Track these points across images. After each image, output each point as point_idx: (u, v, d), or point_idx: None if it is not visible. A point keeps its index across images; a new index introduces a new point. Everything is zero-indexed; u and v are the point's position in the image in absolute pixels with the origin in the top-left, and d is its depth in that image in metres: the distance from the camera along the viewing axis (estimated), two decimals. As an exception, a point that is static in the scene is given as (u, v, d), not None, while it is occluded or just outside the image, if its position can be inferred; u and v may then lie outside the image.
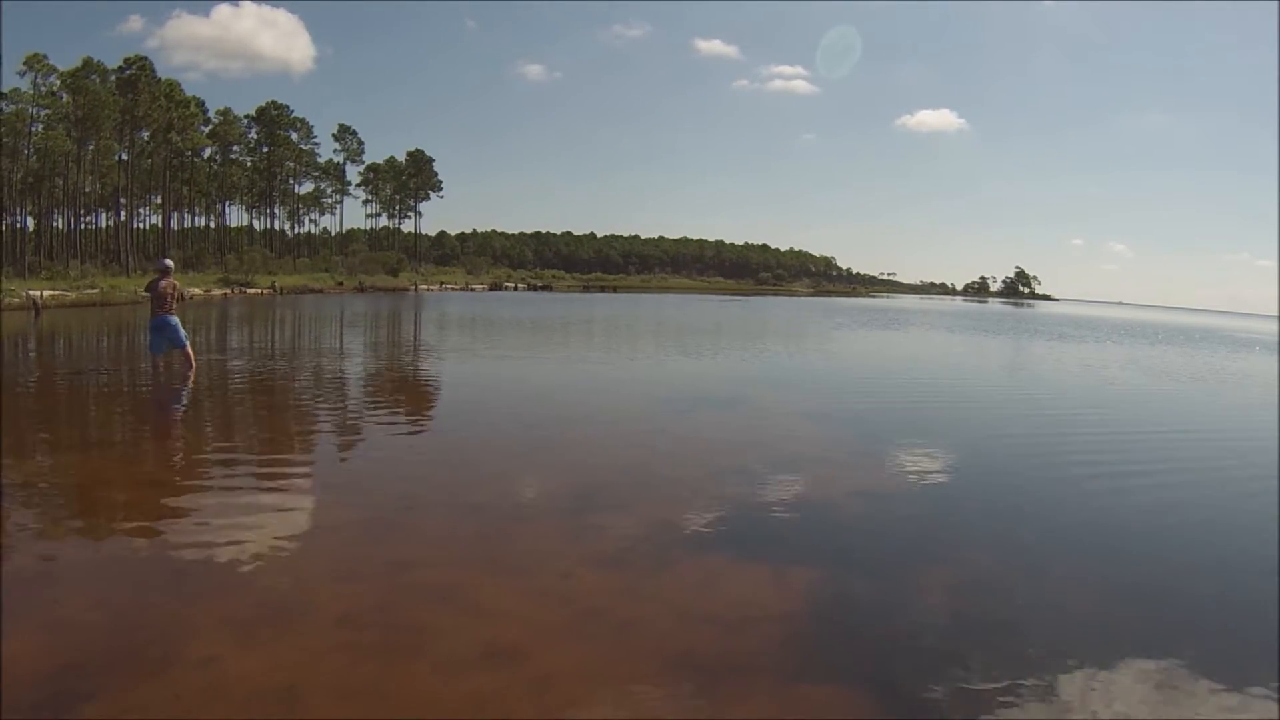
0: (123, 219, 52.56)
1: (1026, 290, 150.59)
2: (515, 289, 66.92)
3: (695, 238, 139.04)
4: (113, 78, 45.51)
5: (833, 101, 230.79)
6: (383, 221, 76.95)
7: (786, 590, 4.10)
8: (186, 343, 10.84)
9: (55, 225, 50.99)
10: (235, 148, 61.16)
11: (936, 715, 2.96)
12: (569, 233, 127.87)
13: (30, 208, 48.49)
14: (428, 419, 8.87)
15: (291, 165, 65.36)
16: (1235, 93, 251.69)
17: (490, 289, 63.58)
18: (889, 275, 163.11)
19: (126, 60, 46.04)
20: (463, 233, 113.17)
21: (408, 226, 77.74)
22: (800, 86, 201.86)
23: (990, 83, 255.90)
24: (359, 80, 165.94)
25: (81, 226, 51.63)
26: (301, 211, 69.94)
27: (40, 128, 44.92)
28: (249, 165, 63.39)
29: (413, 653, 3.21)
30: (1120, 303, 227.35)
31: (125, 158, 49.25)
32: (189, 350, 10.84)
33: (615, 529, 4.89)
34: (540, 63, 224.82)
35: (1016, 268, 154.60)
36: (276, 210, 67.10)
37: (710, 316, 35.64)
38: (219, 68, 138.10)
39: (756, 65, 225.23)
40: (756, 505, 5.67)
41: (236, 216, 70.48)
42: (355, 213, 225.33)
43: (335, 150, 69.52)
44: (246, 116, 61.28)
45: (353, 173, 71.86)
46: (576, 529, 4.91)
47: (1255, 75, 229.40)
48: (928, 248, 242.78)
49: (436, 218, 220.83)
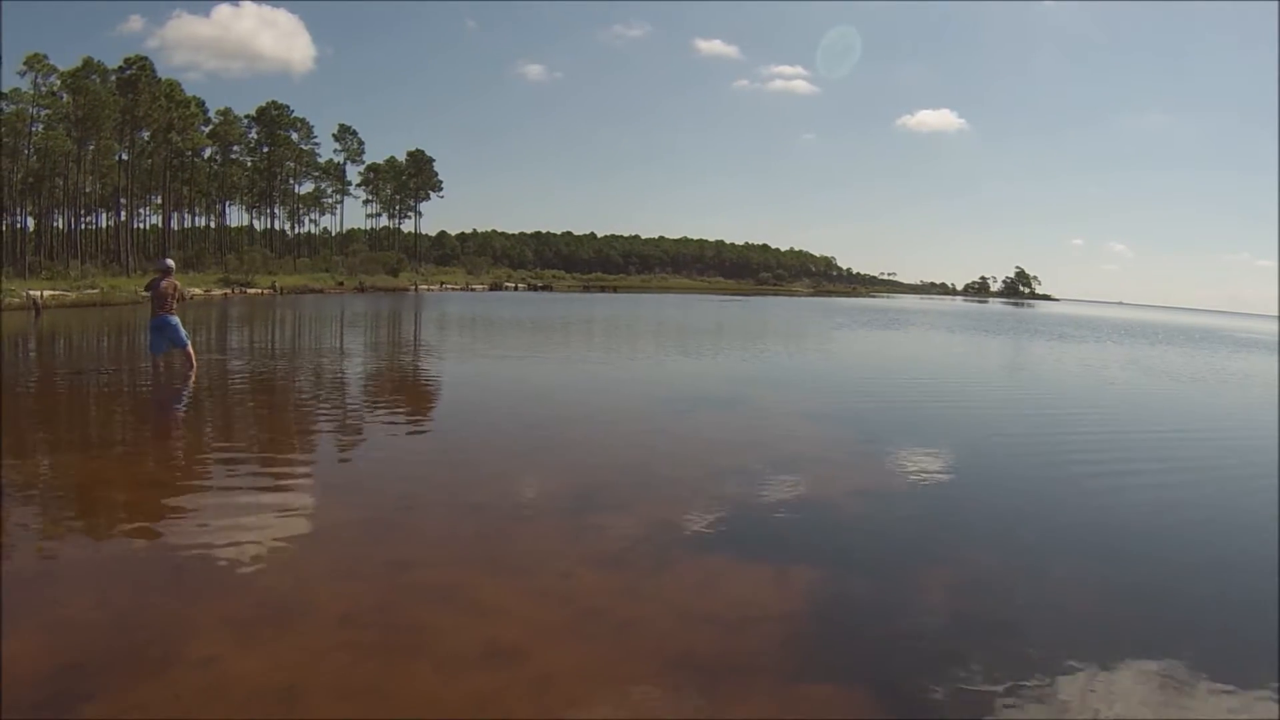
0: (123, 219, 52.70)
1: (1027, 290, 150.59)
2: (515, 289, 66.93)
3: (695, 238, 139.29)
4: (113, 78, 45.55)
5: (833, 101, 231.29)
6: (383, 221, 77.14)
7: (787, 590, 4.10)
8: (188, 342, 10.84)
9: (55, 225, 51.08)
10: (235, 148, 61.22)
11: (937, 715, 2.96)
12: (569, 233, 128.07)
13: (30, 208, 48.54)
14: (428, 419, 8.87)
15: (292, 165, 65.40)
16: (1235, 93, 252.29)
17: (490, 289, 63.60)
18: (889, 275, 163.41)
19: (127, 60, 46.17)
20: (463, 233, 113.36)
21: (408, 226, 77.94)
22: (800, 86, 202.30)
23: (990, 83, 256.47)
24: (359, 80, 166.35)
25: (82, 226, 51.69)
26: (302, 211, 70.07)
27: (40, 128, 44.97)
28: (249, 165, 63.42)
29: (413, 652, 3.21)
30: (1120, 303, 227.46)
31: (125, 158, 49.29)
32: (190, 349, 10.85)
33: (615, 529, 4.89)
34: (540, 63, 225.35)
35: (1017, 268, 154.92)
36: (277, 210, 67.24)
37: (710, 316, 35.64)
38: (219, 68, 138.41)
39: (757, 65, 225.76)
40: (756, 505, 5.67)
41: (237, 216, 70.68)
42: (355, 213, 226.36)
43: (335, 150, 69.72)
44: (247, 116, 61.44)
45: (353, 173, 72.07)
46: (577, 529, 4.91)
47: (1255, 75, 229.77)
48: (928, 248, 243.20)
49: (437, 218, 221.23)
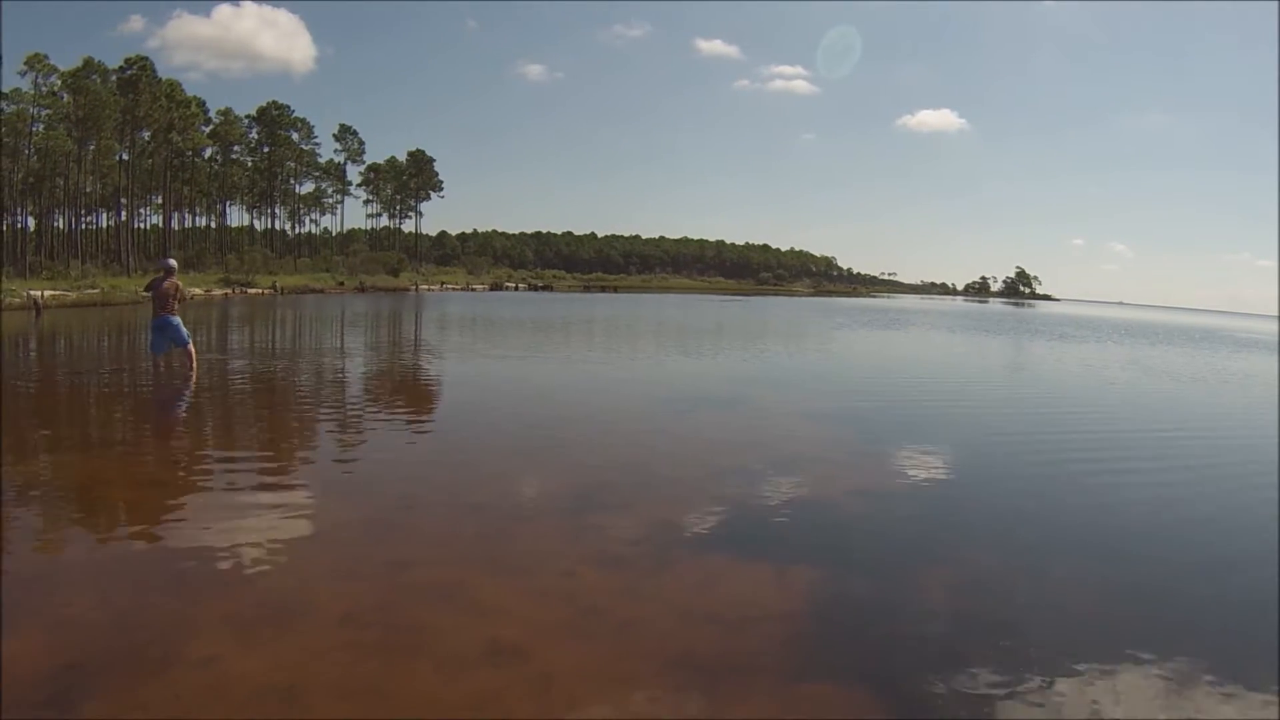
0: (123, 219, 52.63)
1: (1027, 290, 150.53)
2: (516, 289, 66.94)
3: (696, 238, 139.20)
4: (113, 78, 45.55)
5: (833, 101, 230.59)
6: (383, 221, 77.14)
7: (787, 590, 4.10)
8: (189, 340, 10.83)
9: (56, 225, 51.06)
10: (236, 148, 61.21)
11: (937, 715, 2.96)
12: (569, 233, 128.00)
13: (31, 208, 48.55)
14: (429, 419, 8.87)
15: (292, 165, 65.40)
16: (1235, 93, 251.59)
17: (491, 289, 63.61)
18: (890, 275, 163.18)
19: (127, 60, 46.17)
20: (463, 233, 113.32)
21: (408, 226, 77.96)
22: (801, 86, 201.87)
23: (990, 83, 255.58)
24: (360, 80, 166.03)
25: (82, 226, 51.72)
26: (302, 211, 70.07)
27: (41, 128, 44.96)
28: (250, 165, 63.41)
29: (414, 652, 3.21)
30: (1121, 303, 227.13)
31: (126, 158, 49.30)
32: (191, 348, 10.83)
33: (616, 529, 4.89)
34: (541, 63, 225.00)
35: (1017, 268, 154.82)
36: (277, 210, 67.22)
37: (711, 316, 35.64)
38: (220, 68, 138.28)
39: (757, 65, 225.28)
40: (757, 505, 5.67)
41: (237, 216, 70.59)
42: (356, 213, 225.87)
43: (336, 150, 69.76)
44: (247, 116, 61.44)
45: (353, 173, 72.05)
46: (577, 529, 4.91)
47: (1255, 75, 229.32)
48: (928, 248, 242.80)
49: (437, 218, 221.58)
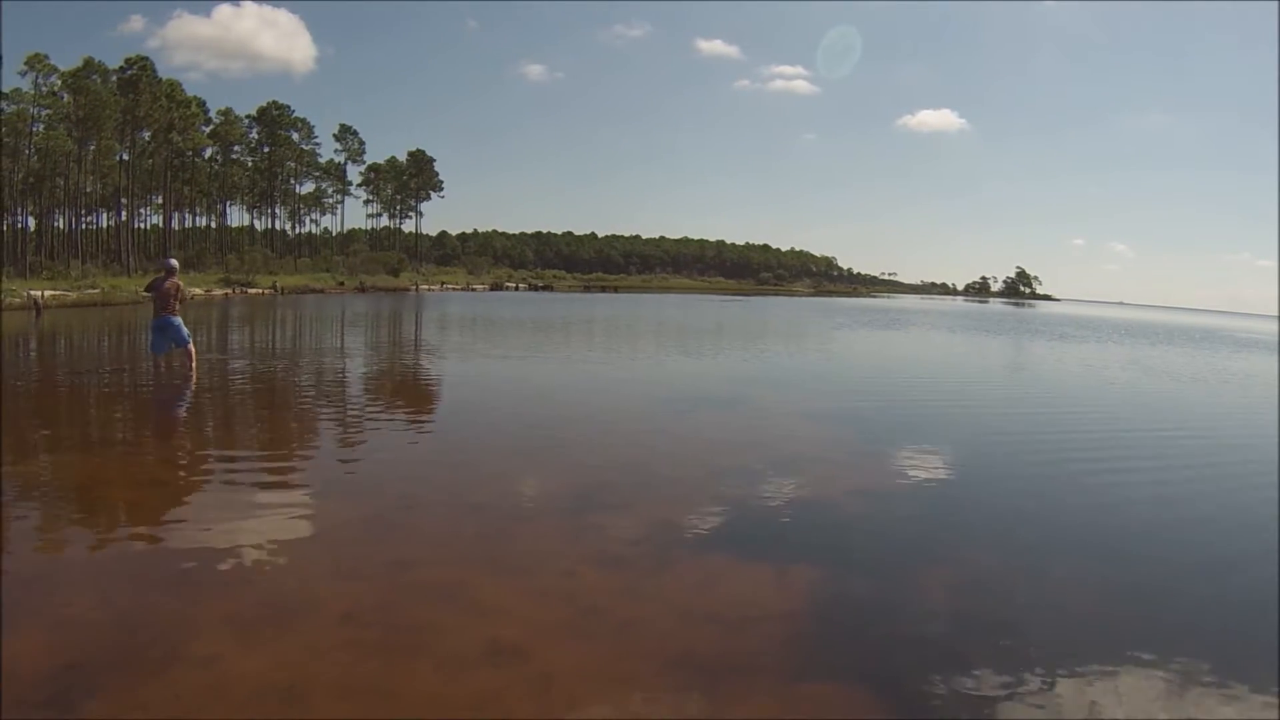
0: (124, 219, 52.58)
1: (1027, 290, 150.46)
2: (516, 289, 66.95)
3: (696, 238, 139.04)
4: (114, 78, 45.54)
5: (833, 101, 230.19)
6: (384, 221, 77.11)
7: (787, 590, 4.10)
8: (189, 341, 10.82)
9: (56, 225, 51.05)
10: (236, 148, 61.20)
11: (937, 715, 2.96)
12: (570, 233, 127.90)
13: (31, 208, 48.54)
14: (429, 419, 8.88)
15: (292, 165, 65.40)
16: (1235, 93, 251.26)
17: (491, 289, 63.61)
18: (890, 275, 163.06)
19: (127, 60, 46.14)
20: (464, 233, 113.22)
21: (409, 226, 77.91)
22: (801, 86, 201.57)
23: (991, 83, 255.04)
24: (360, 80, 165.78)
25: (82, 226, 51.71)
26: (302, 211, 70.05)
27: (41, 128, 44.93)
28: (250, 165, 63.41)
29: (414, 652, 3.21)
30: (1121, 303, 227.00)
31: (126, 158, 49.28)
32: (191, 348, 10.82)
33: (616, 528, 4.90)
34: (541, 63, 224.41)
35: (1017, 268, 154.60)
36: (277, 210, 67.22)
37: (711, 316, 35.65)
38: (220, 68, 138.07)
39: (757, 65, 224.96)
40: (757, 505, 5.67)
41: (237, 216, 70.51)
42: (356, 213, 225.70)
43: (336, 150, 69.70)
44: (247, 116, 61.42)
45: (354, 173, 72.00)
46: (577, 528, 4.92)
47: (1255, 75, 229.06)
48: (929, 248, 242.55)
49: (437, 218, 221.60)
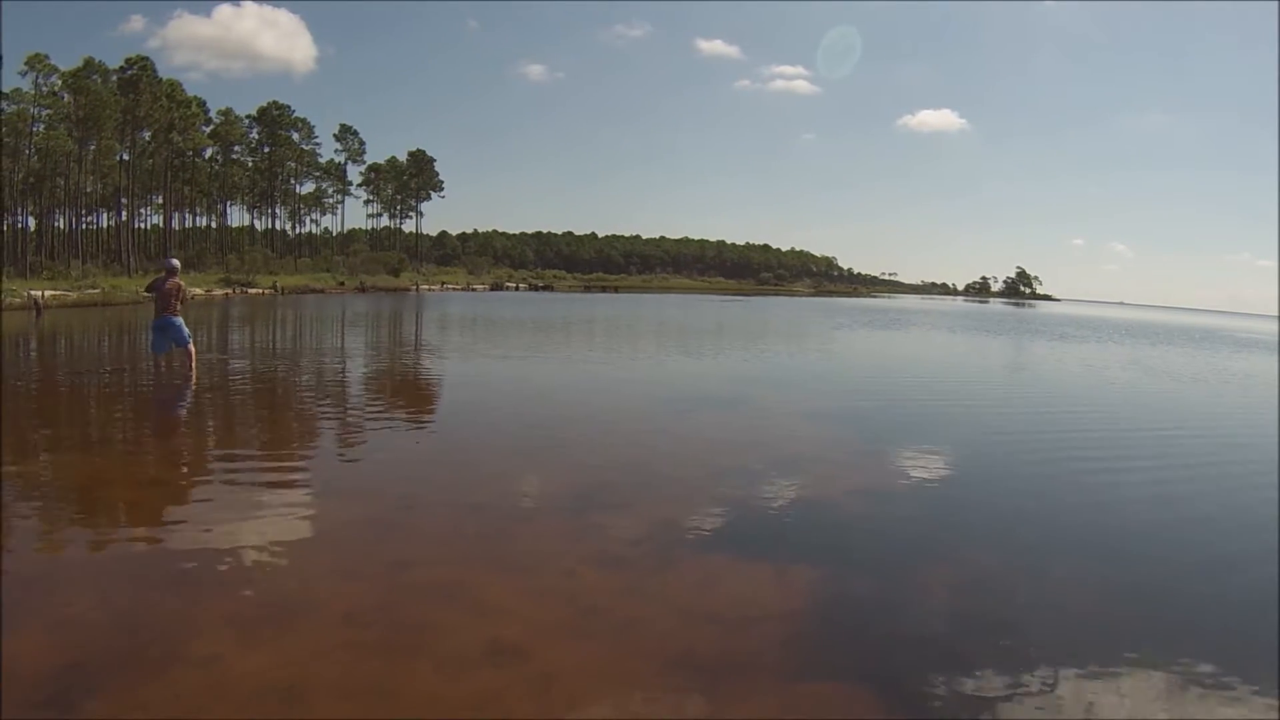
0: (124, 219, 52.53)
1: (1027, 290, 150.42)
2: (516, 289, 66.95)
3: (696, 238, 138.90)
4: (114, 78, 45.49)
5: (834, 101, 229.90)
6: (384, 221, 77.08)
7: (788, 589, 4.10)
8: (189, 341, 10.81)
9: (56, 225, 51.00)
10: (237, 148, 61.17)
11: (938, 714, 2.96)
12: (570, 233, 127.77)
13: (31, 208, 48.50)
14: (429, 419, 8.88)
15: (293, 165, 65.37)
16: (1235, 93, 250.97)
17: (491, 289, 63.62)
18: (890, 275, 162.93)
19: (128, 60, 46.09)
20: (464, 233, 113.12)
21: (409, 226, 77.87)
22: (801, 86, 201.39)
23: (991, 83, 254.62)
24: (360, 80, 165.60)
25: (83, 226, 51.67)
26: (303, 211, 69.99)
27: (42, 128, 44.88)
28: (250, 165, 63.38)
29: (415, 652, 3.21)
30: (1121, 303, 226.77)
31: (126, 158, 49.24)
32: (191, 348, 10.80)
33: (617, 528, 4.90)
34: (542, 63, 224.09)
35: (1018, 268, 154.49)
36: (278, 210, 67.21)
37: (711, 316, 35.65)
38: (220, 68, 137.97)
39: (758, 65, 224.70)
40: (758, 505, 5.67)
41: (238, 216, 70.42)
42: (356, 213, 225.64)
43: (336, 150, 69.67)
44: (248, 116, 61.38)
45: (354, 173, 71.96)
46: (578, 528, 4.92)
47: (1255, 75, 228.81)
48: (929, 248, 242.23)
49: (438, 218, 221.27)
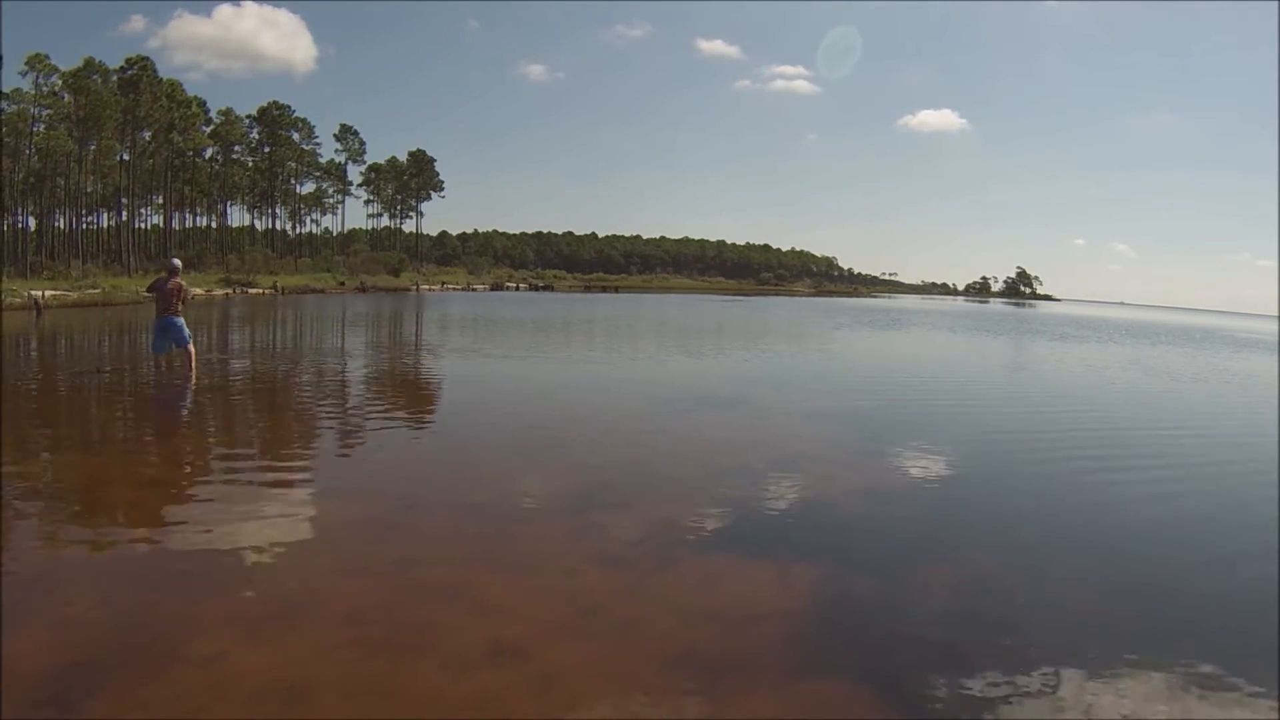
0: (124, 219, 52.55)
1: (1028, 290, 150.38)
2: (517, 289, 66.96)
3: (697, 238, 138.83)
4: (114, 78, 45.54)
5: (834, 101, 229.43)
6: (384, 221, 77.11)
7: (788, 589, 4.11)
8: (190, 342, 10.81)
9: (57, 225, 51.02)
10: (237, 148, 61.19)
11: (938, 714, 2.97)
12: (570, 233, 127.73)
13: (32, 208, 48.53)
14: (430, 419, 8.88)
15: (293, 165, 65.38)
16: (1236, 93, 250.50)
17: (492, 289, 63.63)
18: (890, 275, 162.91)
19: (128, 60, 46.16)
20: (464, 233, 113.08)
21: (409, 226, 77.89)
22: (802, 86, 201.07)
23: (992, 83, 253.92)
24: (361, 80, 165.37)
25: (83, 226, 51.69)
26: (303, 211, 70.00)
27: (42, 127, 44.90)
28: (250, 165, 63.40)
29: (416, 651, 3.22)
30: (1122, 303, 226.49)
31: (127, 158, 49.27)
32: (191, 348, 10.79)
33: (617, 528, 4.91)
34: (542, 63, 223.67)
35: (1018, 268, 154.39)
36: (278, 210, 67.23)
37: (712, 316, 35.65)
38: (221, 68, 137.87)
39: (758, 65, 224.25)
40: (758, 504, 5.68)
41: (238, 216, 70.44)
42: (357, 213, 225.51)
43: (337, 150, 69.65)
44: (248, 116, 61.40)
45: (354, 173, 72.00)
46: (579, 528, 4.93)
47: (1256, 75, 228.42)
48: (929, 248, 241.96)
49: (438, 218, 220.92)
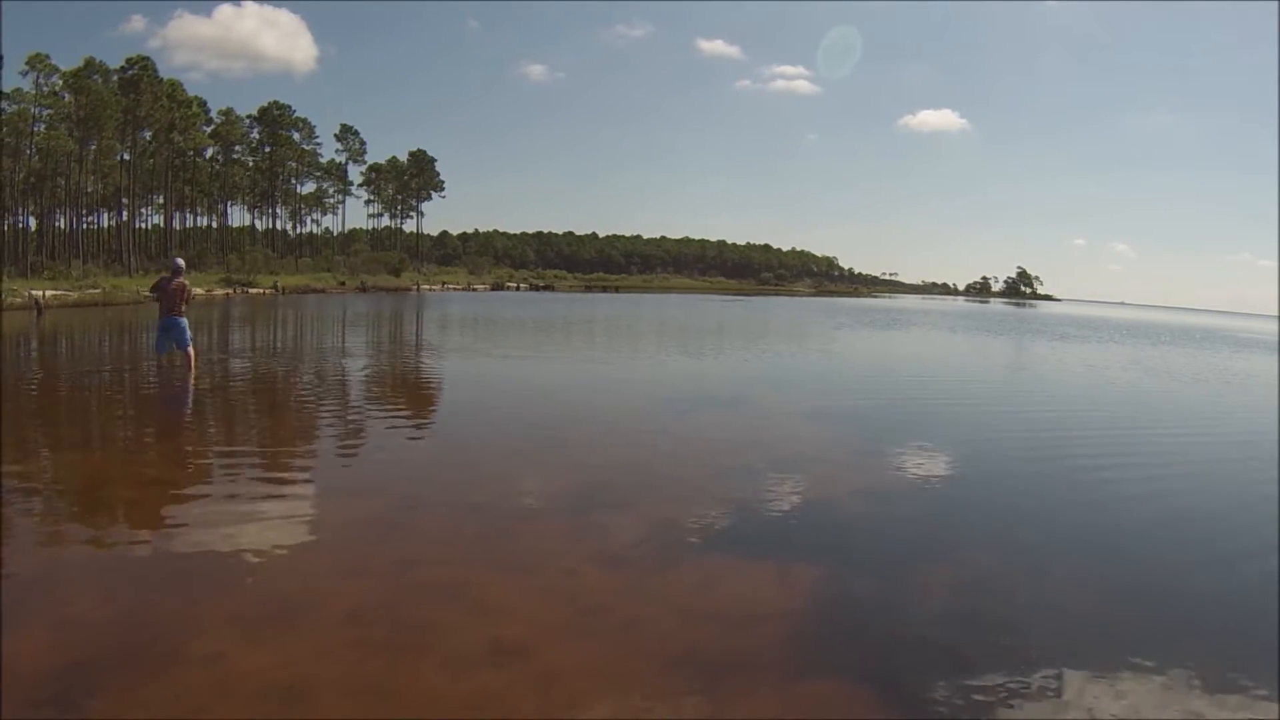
0: (125, 219, 52.62)
1: (1028, 290, 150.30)
2: (517, 289, 66.95)
3: (697, 238, 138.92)
4: (115, 78, 45.62)
5: (835, 101, 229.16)
6: (385, 221, 77.16)
7: (789, 589, 4.11)
8: (190, 344, 10.80)
9: (57, 225, 51.05)
10: (237, 148, 61.26)
11: (938, 713, 2.97)
12: (571, 233, 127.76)
13: (32, 208, 48.56)
14: (431, 419, 8.89)
15: (294, 165, 65.45)
16: (1236, 93, 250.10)
17: (492, 289, 63.63)
18: (891, 275, 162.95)
19: (129, 60, 46.26)
20: (465, 233, 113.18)
21: (410, 226, 77.96)
22: (802, 86, 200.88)
23: (993, 83, 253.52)
24: (361, 80, 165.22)
25: (84, 226, 51.73)
26: (304, 211, 70.05)
27: (42, 127, 44.92)
28: (251, 165, 63.47)
29: (417, 651, 3.23)
30: (1123, 303, 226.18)
31: (127, 157, 49.32)
32: (190, 350, 10.77)
33: (618, 528, 4.91)
34: (543, 63, 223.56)
35: (1018, 268, 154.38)
36: (279, 210, 67.30)
37: (712, 316, 35.65)
38: (221, 68, 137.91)
39: (758, 65, 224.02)
40: (759, 504, 5.68)
41: (239, 216, 70.54)
42: (357, 213, 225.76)
43: (337, 150, 69.80)
44: (249, 116, 61.50)
45: (355, 173, 72.17)
46: (579, 528, 4.93)
47: (1256, 75, 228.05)
48: (930, 248, 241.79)
49: (438, 218, 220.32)
